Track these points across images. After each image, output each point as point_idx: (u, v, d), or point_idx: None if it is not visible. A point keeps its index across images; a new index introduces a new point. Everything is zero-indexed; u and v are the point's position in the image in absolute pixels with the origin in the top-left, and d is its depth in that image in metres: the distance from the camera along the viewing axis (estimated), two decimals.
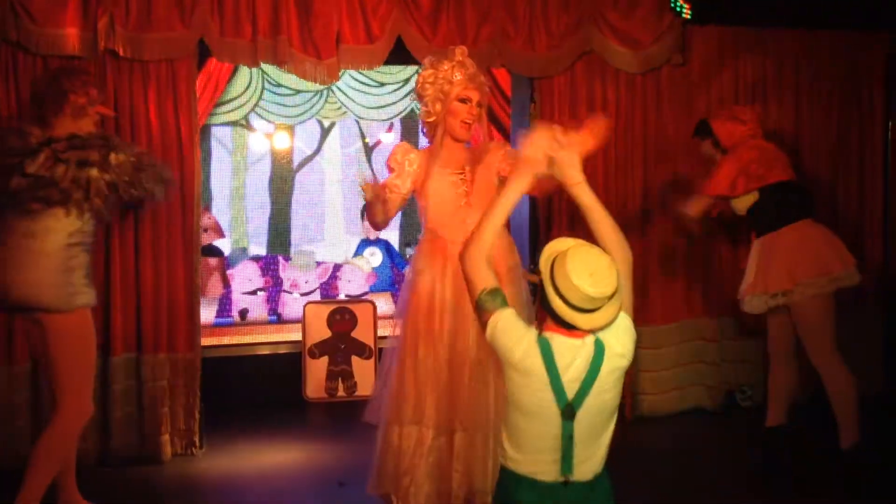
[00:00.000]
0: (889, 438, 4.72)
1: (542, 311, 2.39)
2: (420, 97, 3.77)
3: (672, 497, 4.14)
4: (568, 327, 2.33)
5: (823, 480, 4.29)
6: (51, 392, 3.67)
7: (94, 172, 3.54)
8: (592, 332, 2.35)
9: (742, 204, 4.39)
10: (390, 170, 3.78)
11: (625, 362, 2.42)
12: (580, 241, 2.40)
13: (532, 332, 2.38)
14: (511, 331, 2.39)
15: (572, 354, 2.34)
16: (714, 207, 4.56)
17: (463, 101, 3.70)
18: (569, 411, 2.34)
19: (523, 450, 2.41)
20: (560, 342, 2.34)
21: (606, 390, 2.39)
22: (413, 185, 3.77)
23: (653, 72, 5.27)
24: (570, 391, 2.33)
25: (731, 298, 5.44)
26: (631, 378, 5.24)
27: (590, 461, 2.41)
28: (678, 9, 5.13)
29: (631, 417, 5.26)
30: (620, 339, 2.40)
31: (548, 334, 2.36)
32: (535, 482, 2.39)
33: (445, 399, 3.64)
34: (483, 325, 2.45)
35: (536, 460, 2.39)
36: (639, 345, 5.37)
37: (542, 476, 2.38)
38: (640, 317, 5.20)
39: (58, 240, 3.54)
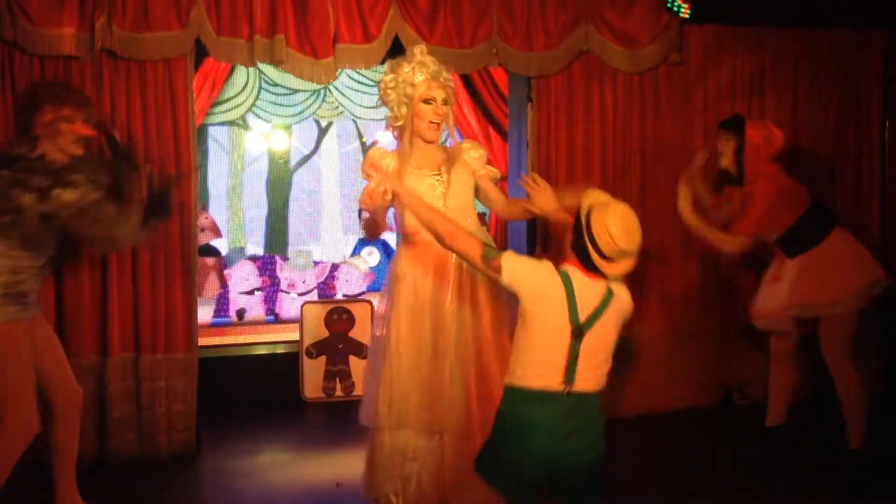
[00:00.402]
0: (889, 438, 4.72)
1: (569, 252, 2.80)
2: (385, 103, 3.75)
3: (670, 496, 4.14)
4: (592, 270, 2.73)
5: (823, 480, 4.29)
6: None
7: (27, 199, 3.38)
8: (612, 278, 2.77)
9: (774, 235, 4.38)
10: (368, 176, 3.71)
11: (628, 309, 2.86)
12: (614, 199, 2.80)
13: (547, 262, 2.81)
14: (525, 260, 2.84)
15: (588, 288, 2.76)
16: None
17: (427, 101, 3.67)
18: (578, 332, 2.74)
19: (534, 364, 2.78)
20: (579, 277, 2.76)
21: (611, 325, 2.81)
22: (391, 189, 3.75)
23: (650, 71, 5.26)
24: (583, 315, 2.74)
25: (727, 298, 5.47)
26: (629, 377, 5.25)
27: (587, 381, 2.78)
28: (675, 9, 5.11)
29: (629, 417, 5.26)
30: (626, 297, 2.85)
31: (568, 268, 2.78)
32: (543, 393, 2.76)
33: (434, 401, 3.64)
34: (496, 271, 2.81)
35: (545, 374, 2.76)
36: (637, 344, 5.41)
37: (549, 387, 2.75)
38: (638, 317, 5.22)
39: None
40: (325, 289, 6.97)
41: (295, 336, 5.95)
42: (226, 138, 6.74)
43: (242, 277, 6.74)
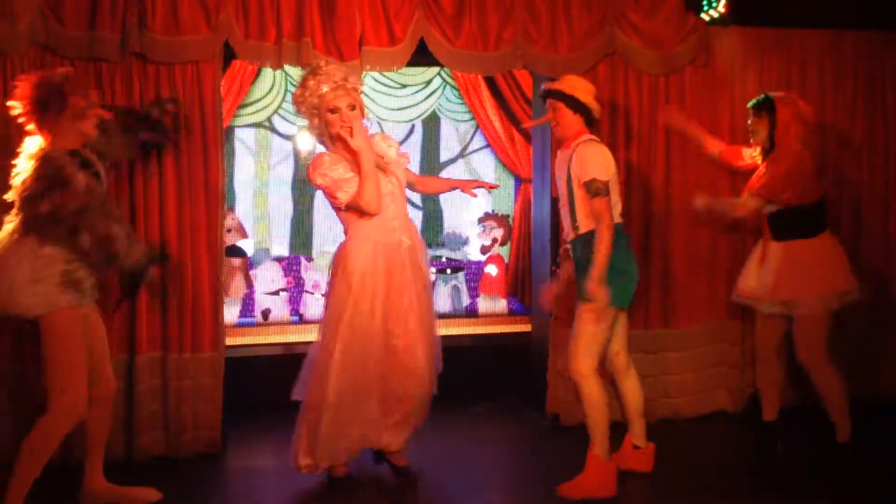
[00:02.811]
0: (889, 438, 4.72)
1: (581, 125, 4.20)
2: (299, 115, 4.05)
3: (695, 500, 4.14)
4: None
5: (834, 481, 4.30)
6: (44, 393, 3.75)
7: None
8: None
9: (775, 204, 4.51)
10: (335, 182, 3.95)
11: None
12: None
13: (600, 144, 4.25)
14: (601, 156, 4.17)
15: None
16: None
17: (333, 111, 3.94)
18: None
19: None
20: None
21: None
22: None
23: (676, 72, 5.25)
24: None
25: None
26: (655, 381, 5.24)
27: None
28: (704, 9, 5.08)
29: (655, 421, 5.24)
30: None
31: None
32: (619, 225, 4.12)
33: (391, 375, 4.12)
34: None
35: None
36: (664, 348, 5.39)
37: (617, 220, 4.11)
38: (665, 319, 5.23)
39: None
40: None
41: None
42: (252, 140, 6.78)
43: (268, 278, 6.79)
